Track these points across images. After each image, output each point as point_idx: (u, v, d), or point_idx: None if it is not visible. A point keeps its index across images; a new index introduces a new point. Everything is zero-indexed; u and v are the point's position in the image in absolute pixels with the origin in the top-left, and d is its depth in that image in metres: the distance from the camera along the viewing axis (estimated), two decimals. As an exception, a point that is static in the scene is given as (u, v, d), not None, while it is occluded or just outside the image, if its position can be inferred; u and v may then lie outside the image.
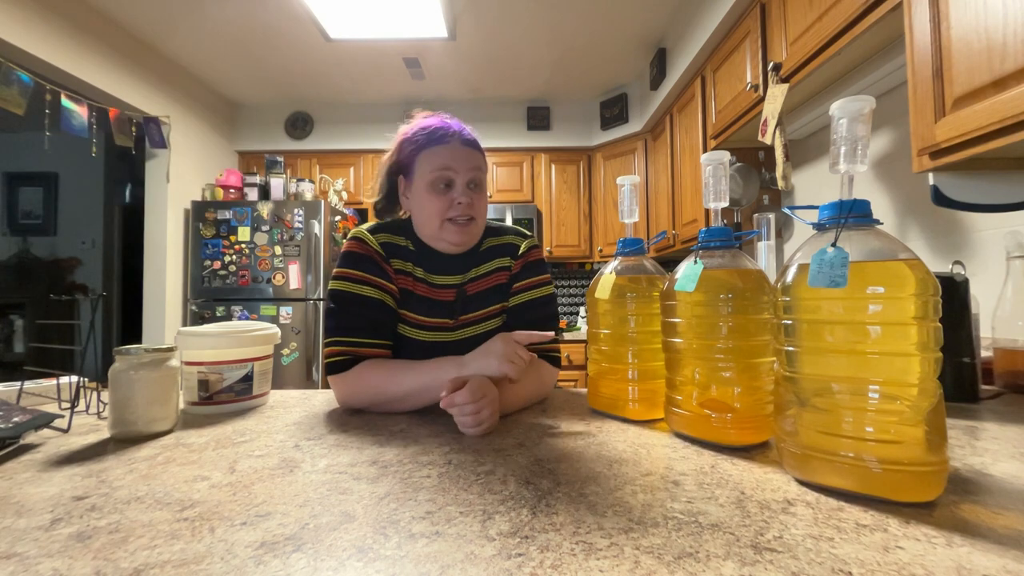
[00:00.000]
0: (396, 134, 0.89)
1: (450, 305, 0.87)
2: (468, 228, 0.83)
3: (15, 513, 0.42)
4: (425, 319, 0.86)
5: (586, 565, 0.33)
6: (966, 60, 0.86)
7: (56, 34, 2.10)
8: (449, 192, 0.82)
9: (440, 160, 0.81)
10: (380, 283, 0.82)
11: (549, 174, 3.43)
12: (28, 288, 3.69)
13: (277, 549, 0.36)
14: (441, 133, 0.82)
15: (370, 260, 0.83)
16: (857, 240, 0.47)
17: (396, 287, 0.84)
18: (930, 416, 0.43)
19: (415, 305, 0.85)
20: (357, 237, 0.85)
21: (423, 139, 0.83)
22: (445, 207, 0.81)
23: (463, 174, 0.81)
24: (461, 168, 0.81)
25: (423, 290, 0.86)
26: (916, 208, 1.45)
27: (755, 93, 1.71)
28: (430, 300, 0.86)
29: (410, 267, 0.86)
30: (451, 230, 0.82)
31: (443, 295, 0.87)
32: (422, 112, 0.89)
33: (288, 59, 2.82)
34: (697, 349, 0.61)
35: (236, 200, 2.86)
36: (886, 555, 0.34)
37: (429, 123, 0.85)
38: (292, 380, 2.75)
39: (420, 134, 0.83)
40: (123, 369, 0.66)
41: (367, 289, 0.81)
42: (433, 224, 0.83)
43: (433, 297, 0.87)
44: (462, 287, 0.88)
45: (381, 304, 0.82)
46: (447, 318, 0.87)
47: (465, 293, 0.88)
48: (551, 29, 2.56)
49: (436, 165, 0.81)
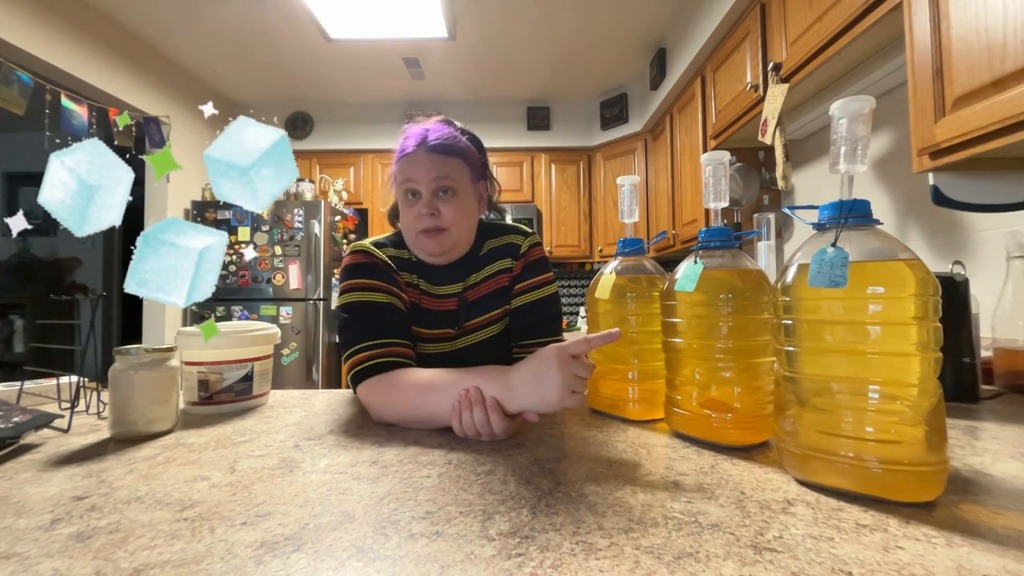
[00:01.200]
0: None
1: (453, 315, 0.86)
2: (439, 238, 0.80)
3: (15, 513, 0.42)
4: (428, 331, 0.85)
5: (586, 565, 0.33)
6: (966, 60, 0.86)
7: (56, 34, 2.10)
8: (416, 203, 0.79)
9: (405, 171, 0.80)
10: (393, 290, 0.80)
11: (549, 174, 3.43)
12: (28, 288, 3.69)
13: (277, 549, 0.36)
14: (407, 143, 0.80)
15: (379, 269, 0.81)
16: (857, 240, 0.47)
17: (408, 298, 0.83)
18: (930, 416, 0.43)
19: (420, 318, 0.84)
20: (360, 250, 0.82)
21: (398, 150, 0.82)
22: (413, 218, 0.80)
23: (426, 184, 0.78)
24: (423, 178, 0.78)
25: (427, 302, 0.85)
26: (916, 208, 1.45)
27: (755, 93, 1.71)
28: (433, 312, 0.85)
29: (415, 279, 0.85)
30: (423, 240, 0.80)
31: (446, 305, 0.86)
32: (420, 116, 0.89)
33: (288, 59, 2.82)
34: (697, 349, 0.61)
35: (236, 200, 2.86)
36: (886, 555, 0.34)
37: (407, 131, 0.83)
38: (292, 380, 2.75)
39: (399, 145, 0.83)
40: (123, 369, 0.66)
41: (381, 296, 0.78)
42: (410, 236, 0.82)
43: (436, 308, 0.85)
44: (463, 295, 0.86)
45: (398, 309, 0.79)
46: (449, 328, 0.86)
47: (466, 300, 0.86)
48: (551, 29, 2.56)
49: (403, 177, 0.80)
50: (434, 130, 0.81)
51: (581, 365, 0.59)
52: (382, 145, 3.39)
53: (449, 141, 0.81)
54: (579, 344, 0.59)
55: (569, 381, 0.58)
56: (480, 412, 0.60)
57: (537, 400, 0.59)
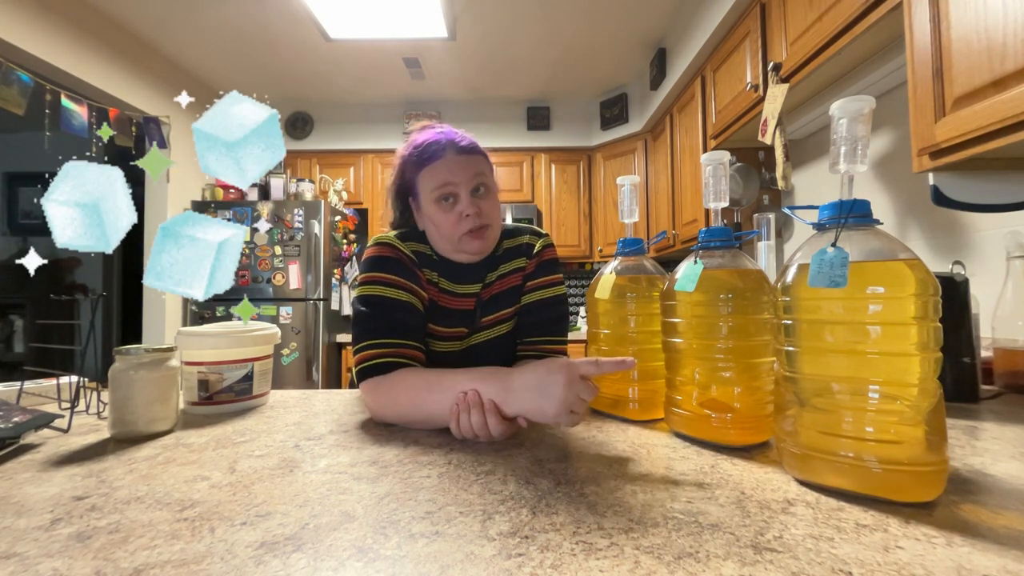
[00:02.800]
0: (395, 156, 0.87)
1: (470, 314, 0.86)
2: (484, 234, 0.80)
3: (15, 513, 0.42)
4: (443, 330, 0.84)
5: (586, 565, 0.33)
6: (966, 60, 0.86)
7: (56, 34, 2.10)
8: (456, 206, 0.79)
9: (439, 176, 0.79)
10: (413, 288, 0.79)
11: (549, 174, 3.43)
12: (28, 288, 3.69)
13: (277, 549, 0.36)
14: (434, 148, 0.80)
15: (401, 264, 0.79)
16: (857, 240, 0.47)
17: (427, 296, 0.82)
18: (930, 416, 0.43)
19: (437, 316, 0.84)
20: (386, 242, 0.81)
21: (417, 158, 0.81)
22: (455, 221, 0.79)
23: (465, 184, 0.79)
24: (461, 179, 0.79)
25: (446, 300, 0.84)
26: (916, 208, 1.45)
27: (755, 93, 1.71)
28: (451, 310, 0.85)
29: (436, 277, 0.84)
30: (467, 241, 0.80)
31: (464, 304, 0.86)
32: (417, 124, 0.88)
33: (288, 59, 2.82)
34: (697, 349, 0.61)
35: (236, 200, 2.86)
36: (886, 555, 0.34)
37: (421, 139, 0.82)
38: (292, 380, 2.75)
39: (414, 153, 0.81)
40: (123, 369, 0.66)
41: (401, 293, 0.77)
42: (452, 239, 0.81)
43: (454, 307, 0.85)
44: (480, 294, 0.86)
45: (415, 309, 0.78)
46: (464, 327, 0.86)
47: (482, 299, 0.86)
48: (551, 29, 2.56)
49: (437, 182, 0.79)
50: (452, 133, 0.83)
51: (586, 387, 0.58)
52: (382, 145, 3.39)
53: (472, 141, 0.83)
54: (589, 366, 0.58)
55: (571, 400, 0.57)
56: (478, 415, 0.60)
57: (534, 409, 0.59)
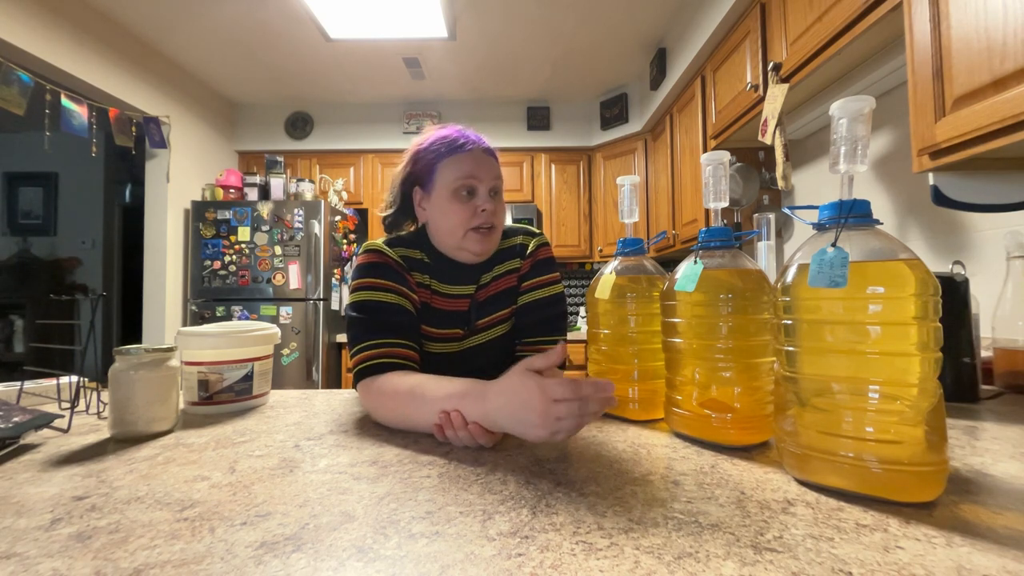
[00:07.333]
0: (409, 147, 0.88)
1: (464, 315, 0.87)
2: (490, 236, 0.83)
3: (15, 513, 0.42)
4: (438, 331, 0.85)
5: (586, 565, 0.33)
6: (966, 60, 0.86)
7: (56, 34, 2.10)
8: (472, 200, 0.81)
9: (464, 168, 0.81)
10: (403, 291, 0.80)
11: (549, 174, 3.43)
12: (28, 288, 3.69)
13: (277, 549, 0.36)
14: (463, 142, 0.82)
15: (391, 269, 0.81)
16: (857, 240, 0.47)
17: (418, 298, 0.83)
18: (930, 416, 0.43)
19: (431, 318, 0.84)
20: (374, 249, 0.82)
21: (444, 148, 0.82)
22: (469, 215, 0.81)
23: (486, 182, 0.82)
24: (484, 176, 0.82)
25: (439, 302, 0.85)
26: (916, 208, 1.45)
27: (755, 93, 1.71)
28: (445, 312, 0.85)
29: (427, 279, 0.85)
30: (473, 239, 0.82)
31: (458, 305, 0.86)
32: (433, 124, 0.89)
33: (288, 59, 2.82)
34: (697, 349, 0.61)
35: (236, 200, 2.86)
36: (886, 555, 0.34)
37: (447, 133, 0.84)
38: (292, 380, 2.75)
39: (439, 144, 0.83)
40: (123, 369, 0.66)
41: (391, 296, 0.79)
42: (457, 233, 0.82)
43: (448, 308, 0.86)
44: (474, 295, 0.87)
45: (406, 310, 0.80)
46: (460, 328, 0.86)
47: (477, 301, 0.87)
48: (551, 29, 2.56)
49: (461, 173, 0.81)
50: (476, 135, 0.86)
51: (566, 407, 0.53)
52: (382, 145, 3.39)
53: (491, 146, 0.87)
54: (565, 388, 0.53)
55: (553, 426, 0.53)
56: (464, 434, 0.59)
57: (519, 435, 0.56)
